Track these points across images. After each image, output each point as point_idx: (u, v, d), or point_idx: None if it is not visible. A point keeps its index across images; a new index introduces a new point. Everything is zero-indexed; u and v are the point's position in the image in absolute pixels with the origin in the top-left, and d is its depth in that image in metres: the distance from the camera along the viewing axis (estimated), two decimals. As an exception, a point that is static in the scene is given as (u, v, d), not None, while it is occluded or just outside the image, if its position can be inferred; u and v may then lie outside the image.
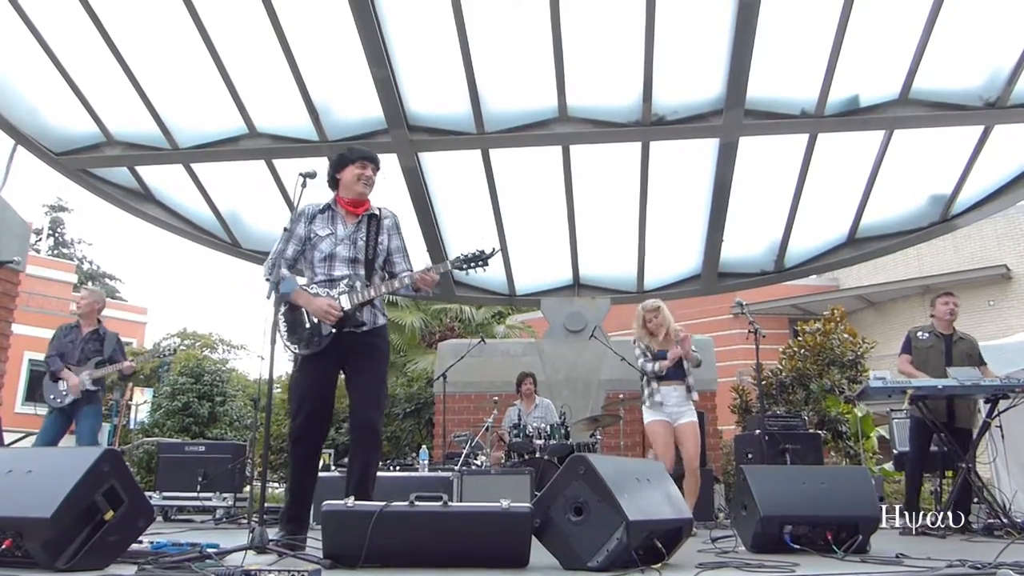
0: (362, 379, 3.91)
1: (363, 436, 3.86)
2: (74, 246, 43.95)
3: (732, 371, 17.00)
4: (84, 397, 6.46)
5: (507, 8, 6.94)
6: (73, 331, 6.74)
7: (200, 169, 8.52)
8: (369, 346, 3.95)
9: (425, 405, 12.98)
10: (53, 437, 6.49)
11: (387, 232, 4.11)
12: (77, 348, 6.60)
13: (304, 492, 3.87)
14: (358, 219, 4.06)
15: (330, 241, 3.99)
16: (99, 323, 6.84)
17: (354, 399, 3.91)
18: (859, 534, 3.88)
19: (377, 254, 4.04)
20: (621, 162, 8.05)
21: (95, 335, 6.72)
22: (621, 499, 3.03)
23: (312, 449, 3.92)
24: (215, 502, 7.85)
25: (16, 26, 7.08)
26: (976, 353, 6.32)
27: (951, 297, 6.50)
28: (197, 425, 14.89)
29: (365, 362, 3.93)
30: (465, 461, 7.12)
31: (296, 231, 4.02)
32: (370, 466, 3.84)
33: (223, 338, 40.83)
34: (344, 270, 3.95)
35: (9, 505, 2.71)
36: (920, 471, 6.36)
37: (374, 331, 3.99)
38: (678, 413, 5.75)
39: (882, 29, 6.75)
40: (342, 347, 3.89)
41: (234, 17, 6.96)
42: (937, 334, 6.38)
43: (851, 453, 11.16)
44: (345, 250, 3.98)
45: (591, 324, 9.37)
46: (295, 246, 4.03)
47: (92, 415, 6.54)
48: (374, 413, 3.90)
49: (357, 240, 4.01)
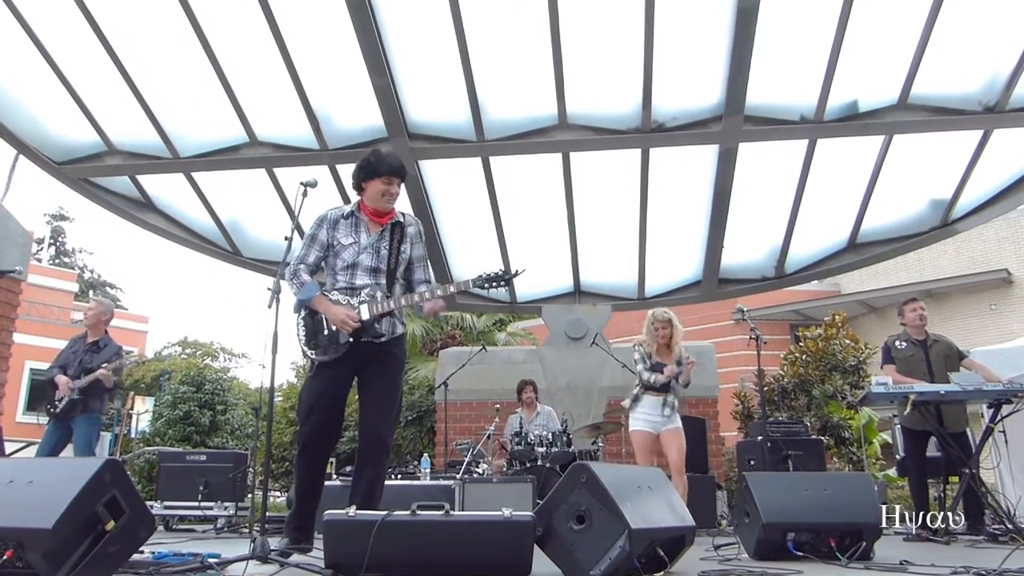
0: (375, 389, 3.87)
1: (370, 447, 3.82)
2: (75, 255, 44.03)
3: (734, 377, 16.97)
4: (77, 406, 6.44)
5: (507, 16, 6.95)
6: (79, 342, 6.78)
7: (201, 178, 8.54)
8: (386, 355, 3.91)
9: (426, 413, 12.98)
10: (52, 447, 6.48)
11: (410, 240, 4.05)
12: (77, 358, 6.63)
13: (309, 500, 3.82)
14: (382, 228, 4.00)
15: (353, 250, 3.94)
16: (105, 333, 6.85)
17: (365, 409, 3.88)
18: (863, 541, 3.87)
19: (399, 263, 4.00)
20: (621, 169, 8.06)
21: (95, 346, 6.72)
22: (623, 507, 3.03)
23: (319, 456, 3.88)
24: (216, 511, 7.85)
25: (18, 36, 7.11)
26: (954, 352, 6.33)
27: (916, 303, 6.54)
28: (198, 434, 14.84)
29: (380, 371, 3.89)
30: (467, 469, 7.11)
31: (319, 237, 3.98)
32: (378, 479, 3.79)
33: (224, 347, 40.84)
34: (366, 279, 3.90)
35: (10, 516, 2.70)
36: (922, 477, 6.34)
37: (392, 340, 3.95)
38: (661, 422, 5.78)
39: (880, 34, 6.76)
40: (358, 356, 3.85)
41: (235, 26, 6.99)
42: (913, 341, 6.38)
43: (854, 459, 11.14)
44: (368, 259, 3.93)
45: (592, 331, 9.37)
46: (317, 252, 3.99)
47: (86, 424, 6.50)
48: (384, 424, 3.85)
49: (380, 249, 3.95)
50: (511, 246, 9.07)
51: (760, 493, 4.03)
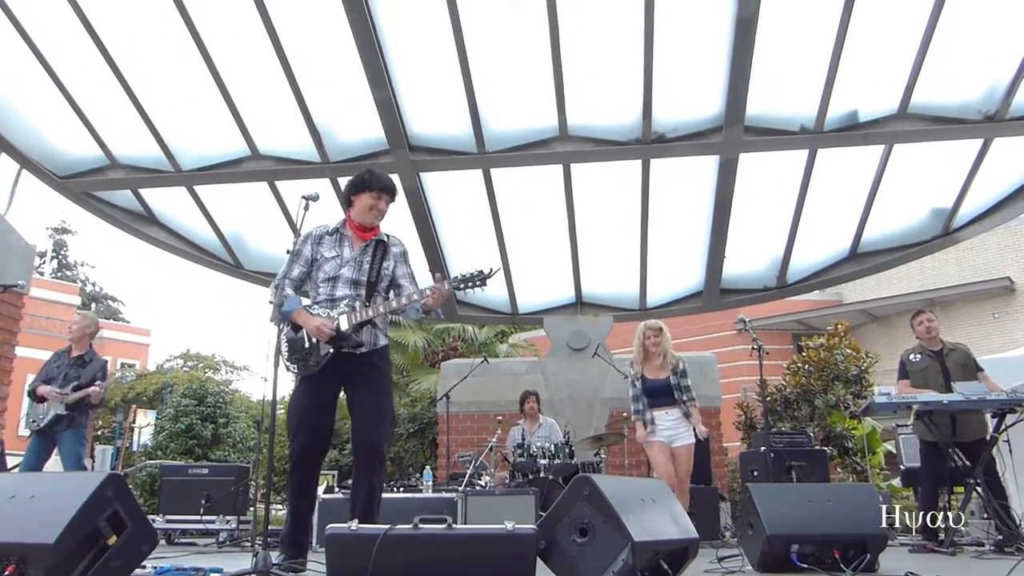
0: (362, 401, 3.87)
1: (364, 457, 3.82)
2: (77, 268, 44.10)
3: (736, 387, 16.95)
4: (63, 421, 6.38)
5: (506, 28, 6.98)
6: (63, 356, 6.69)
7: (203, 191, 8.56)
8: (368, 366, 3.91)
9: (428, 425, 12.95)
10: (35, 461, 6.40)
11: (393, 259, 4.08)
12: (61, 373, 6.54)
13: (303, 515, 3.83)
14: (365, 243, 4.03)
15: (335, 263, 3.97)
16: (90, 347, 6.77)
17: (355, 420, 3.88)
18: (867, 552, 3.85)
19: (381, 277, 4.00)
20: (622, 180, 8.08)
21: (79, 360, 6.62)
22: (626, 520, 3.01)
23: (310, 472, 3.89)
24: (218, 525, 7.82)
25: (21, 51, 7.15)
26: (971, 361, 6.27)
27: (923, 315, 6.50)
28: (200, 447, 14.84)
29: (364, 382, 3.89)
30: (469, 482, 7.09)
31: (303, 253, 4.02)
32: (375, 490, 3.79)
33: (226, 359, 40.83)
34: (346, 290, 3.92)
35: (12, 531, 2.70)
36: (935, 493, 6.29)
37: (374, 352, 3.95)
38: (674, 435, 5.82)
39: (880, 44, 6.78)
40: (341, 368, 3.86)
41: (237, 40, 7.02)
42: (928, 353, 6.35)
43: (858, 469, 11.10)
44: (349, 271, 3.95)
45: (594, 342, 9.36)
46: (301, 267, 4.02)
47: (73, 439, 6.42)
48: (375, 432, 3.84)
49: (363, 263, 3.98)
50: (512, 257, 9.07)
51: (764, 504, 4.01)
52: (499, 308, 10.07)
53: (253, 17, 6.65)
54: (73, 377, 6.51)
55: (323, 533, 3.13)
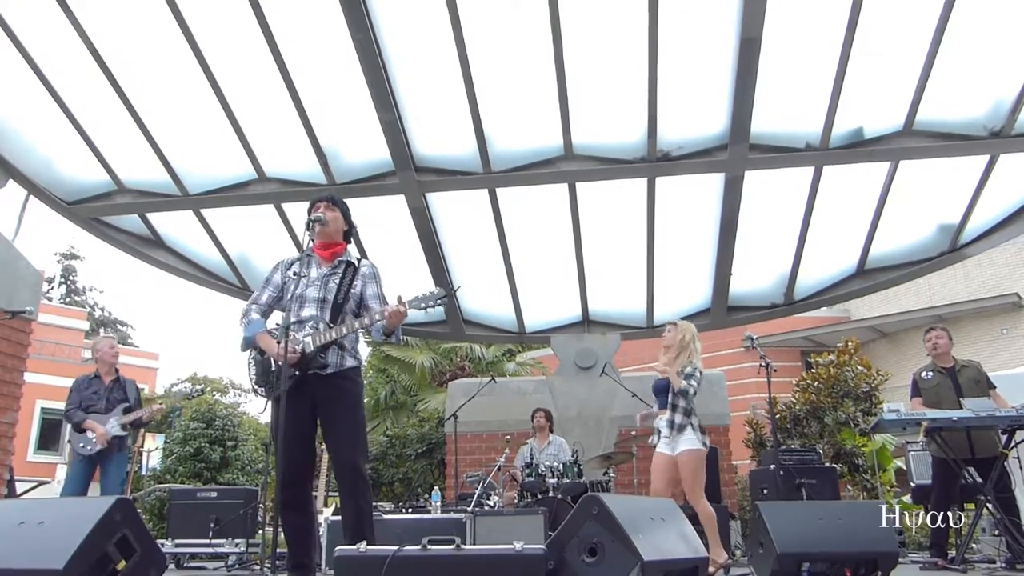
0: (333, 421, 3.90)
1: (345, 478, 3.85)
2: (86, 293, 44.20)
3: (745, 405, 16.87)
4: (113, 444, 6.48)
5: (511, 48, 7.02)
6: (94, 382, 6.71)
7: (210, 214, 8.61)
8: (336, 388, 3.93)
9: (436, 445, 12.90)
10: (82, 486, 6.48)
11: (362, 279, 4.12)
12: (102, 398, 6.60)
13: (292, 534, 3.84)
14: (333, 264, 4.10)
15: (303, 283, 4.04)
16: (116, 371, 6.87)
17: (330, 443, 3.92)
18: (878, 570, 3.82)
19: (348, 298, 4.05)
20: (628, 198, 8.09)
21: (117, 383, 6.75)
22: (636, 539, 3.00)
23: (299, 492, 3.90)
24: (228, 548, 7.79)
25: (28, 78, 7.22)
26: (984, 378, 6.22)
27: (932, 332, 6.46)
28: (209, 470, 14.78)
29: (333, 405, 3.92)
30: (478, 502, 7.06)
31: (272, 279, 4.12)
32: (362, 511, 3.80)
33: (234, 382, 40.81)
34: (312, 310, 3.96)
35: (21, 557, 2.70)
36: (945, 511, 6.22)
37: (340, 373, 3.96)
38: (674, 442, 5.58)
39: (884, 61, 6.79)
40: (309, 391, 3.89)
41: (242, 64, 7.09)
42: (939, 370, 6.31)
43: (868, 486, 11.01)
44: (315, 291, 4.01)
45: (602, 360, 9.34)
46: (270, 292, 4.11)
47: (121, 463, 6.61)
48: (351, 453, 3.86)
49: (329, 282, 4.04)
50: (519, 276, 9.08)
51: (774, 523, 3.99)
52: (506, 327, 10.07)
53: (259, 41, 6.71)
54: (119, 399, 6.65)
55: (332, 555, 3.12)
